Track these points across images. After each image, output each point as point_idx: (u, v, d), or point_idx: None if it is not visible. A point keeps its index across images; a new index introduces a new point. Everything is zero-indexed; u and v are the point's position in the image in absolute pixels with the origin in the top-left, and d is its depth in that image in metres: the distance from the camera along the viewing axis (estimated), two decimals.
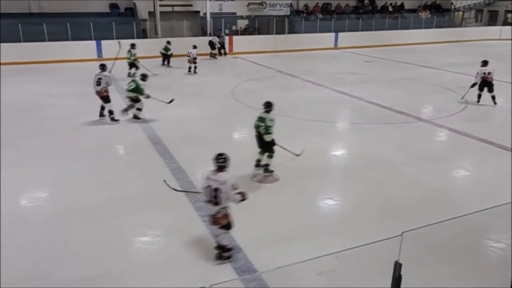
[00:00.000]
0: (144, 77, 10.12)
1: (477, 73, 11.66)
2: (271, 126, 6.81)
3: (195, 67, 16.24)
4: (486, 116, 10.76)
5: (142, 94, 9.86)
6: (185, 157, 7.75)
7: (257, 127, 6.91)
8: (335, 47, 23.88)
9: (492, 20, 30.50)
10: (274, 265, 3.70)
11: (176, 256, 4.81)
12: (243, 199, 4.64)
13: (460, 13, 29.37)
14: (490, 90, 11.56)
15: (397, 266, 2.29)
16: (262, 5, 23.54)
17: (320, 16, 25.13)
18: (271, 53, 21.67)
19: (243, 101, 11.84)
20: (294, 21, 24.40)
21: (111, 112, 9.99)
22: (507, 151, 8.11)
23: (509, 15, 30.04)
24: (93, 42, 19.10)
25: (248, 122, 10.23)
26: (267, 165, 7.05)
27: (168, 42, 17.53)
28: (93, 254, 4.79)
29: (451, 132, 9.42)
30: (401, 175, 7.15)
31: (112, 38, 18.71)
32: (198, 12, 23.14)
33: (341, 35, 24.01)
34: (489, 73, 11.48)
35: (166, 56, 17.61)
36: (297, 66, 18.15)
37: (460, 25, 28.97)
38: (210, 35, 21.45)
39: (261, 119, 6.86)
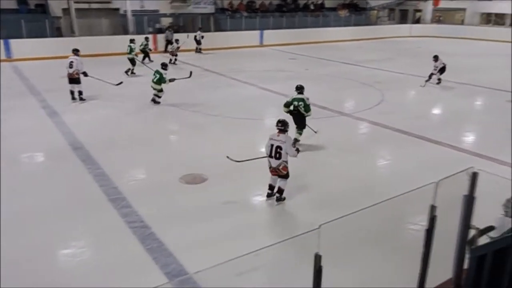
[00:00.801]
0: (164, 66, 11.28)
1: (436, 66, 13.98)
2: (309, 105, 8.06)
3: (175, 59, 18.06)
4: (401, 108, 11.47)
5: (166, 83, 11.08)
6: (109, 161, 7.40)
7: (297, 106, 8.01)
8: (261, 44, 24.17)
9: (403, 18, 32.70)
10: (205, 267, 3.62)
11: (104, 266, 4.57)
12: (297, 153, 6.03)
13: (375, 12, 31.10)
14: (442, 73, 14.06)
15: (317, 258, 2.33)
16: (186, 2, 23.15)
17: (245, 14, 25.30)
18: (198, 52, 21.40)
19: (169, 101, 11.57)
20: (220, 19, 24.34)
21: (80, 93, 11.51)
22: (421, 140, 8.71)
23: (417, 13, 32.37)
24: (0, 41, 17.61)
25: (174, 121, 10.16)
26: (296, 139, 8.05)
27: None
28: (11, 272, 4.37)
29: (370, 124, 9.92)
30: (326, 167, 7.42)
31: (21, 37, 17.38)
32: (118, 9, 22.22)
33: (266, 32, 24.36)
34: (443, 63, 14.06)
35: (146, 54, 17.42)
36: (224, 64, 18.12)
37: (375, 23, 30.68)
38: (132, 33, 20.76)
39: (300, 99, 8.04)
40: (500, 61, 19.53)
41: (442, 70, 14.02)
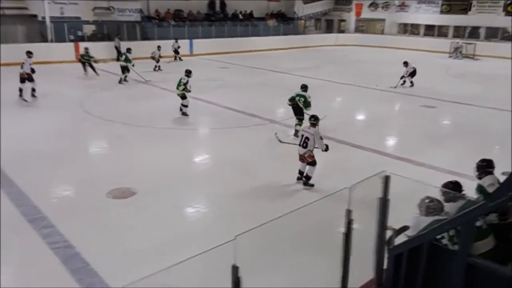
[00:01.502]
0: (188, 73, 11.26)
1: (407, 71, 15.47)
2: (310, 101, 9.37)
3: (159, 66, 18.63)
4: (328, 115, 11.86)
5: (188, 90, 11.06)
6: (28, 179, 6.91)
7: (298, 101, 9.36)
8: (191, 54, 23.97)
9: (329, 28, 34.13)
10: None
11: None
12: (327, 149, 6.89)
13: (303, 21, 32.16)
14: (413, 76, 15.58)
15: (234, 270, 2.33)
16: (110, 9, 22.32)
17: (172, 22, 24.96)
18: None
19: (92, 113, 11.08)
20: (146, 27, 23.79)
21: (33, 89, 12.47)
22: (344, 145, 9.08)
23: (342, 23, 33.96)
24: None
25: (100, 134, 9.74)
26: (296, 130, 9.27)
27: (86, 49, 16.36)
28: None
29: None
30: (257, 174, 7.47)
31: None
32: (35, 16, 20.95)
33: (195, 41, 24.21)
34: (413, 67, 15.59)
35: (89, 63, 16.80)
36: (152, 74, 17.71)
37: (303, 33, 31.70)
38: (51, 41, 19.70)
39: (301, 95, 9.39)
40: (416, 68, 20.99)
41: (412, 74, 15.48)
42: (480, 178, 4.66)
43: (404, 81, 15.63)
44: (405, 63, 15.56)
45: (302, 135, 6.86)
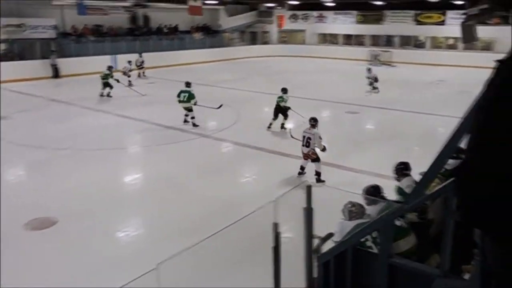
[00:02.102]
0: (189, 84, 11.82)
1: (371, 75, 16.57)
2: (287, 100, 11.38)
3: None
4: (256, 126, 12.00)
5: (195, 101, 11.43)
6: None
7: (278, 102, 11.33)
8: (115, 70, 23.13)
9: (253, 39, 34.73)
10: None
11: None
12: (324, 149, 7.72)
13: (228, 34, 32.43)
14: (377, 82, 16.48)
15: None
16: (21, 27, 20.94)
17: (91, 38, 23.99)
18: (39, 80, 19.52)
19: (7, 138, 10.26)
20: (63, 44, 22.61)
21: None
22: (276, 154, 9.21)
23: (265, 35, 34.72)
24: None
25: (14, 160, 8.96)
26: (283, 124, 11.30)
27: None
28: None
29: (230, 143, 10.19)
30: (190, 191, 7.33)
31: None
32: None
33: (120, 57, 23.41)
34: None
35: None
36: (72, 92, 16.85)
37: (229, 45, 31.96)
38: None
39: (280, 97, 11.37)
40: (337, 76, 21.96)
41: (375, 79, 16.48)
42: (398, 180, 4.90)
43: (374, 87, 16.42)
44: (369, 70, 16.62)
45: (304, 136, 7.70)
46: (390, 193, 4.86)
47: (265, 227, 5.49)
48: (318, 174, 7.56)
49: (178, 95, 11.49)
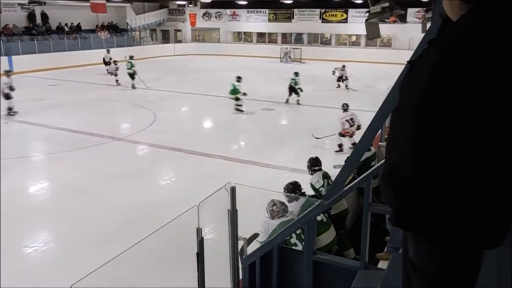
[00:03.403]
0: (239, 78, 13.00)
1: (342, 74, 16.94)
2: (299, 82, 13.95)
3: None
4: (173, 126, 11.72)
5: (239, 93, 12.77)
6: None
7: (291, 83, 13.92)
8: (12, 72, 21.16)
9: (165, 38, 33.91)
10: None
11: None
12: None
13: (137, 32, 31.26)
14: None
15: None
16: None
17: None
18: None
19: None
20: None
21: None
22: (195, 155, 9.04)
23: (178, 33, 34.06)
24: None
25: None
26: (298, 100, 14.12)
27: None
28: None
29: (146, 146, 9.81)
30: (104, 198, 6.90)
31: None
32: None
33: (15, 58, 21.45)
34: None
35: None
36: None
37: (139, 44, 30.82)
38: None
39: (294, 79, 13.92)
40: (251, 73, 22.21)
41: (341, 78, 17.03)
42: (311, 175, 5.07)
43: (346, 83, 16.91)
44: (343, 67, 17.01)
45: (347, 120, 9.14)
46: (309, 188, 5.00)
47: (188, 231, 5.37)
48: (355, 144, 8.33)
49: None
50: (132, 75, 17.03)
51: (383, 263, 3.68)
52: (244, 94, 13.00)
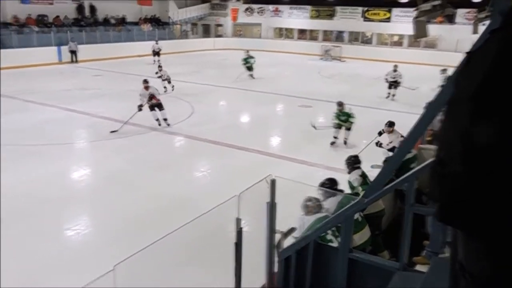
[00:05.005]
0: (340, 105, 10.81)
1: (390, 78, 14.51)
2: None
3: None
4: (211, 119, 11.87)
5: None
6: None
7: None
8: (60, 62, 22.08)
9: (206, 32, 34.31)
10: None
11: None
12: None
13: (179, 26, 31.79)
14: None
15: None
16: None
17: (36, 29, 22.70)
18: None
19: None
20: (3, 35, 21.23)
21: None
22: (232, 148, 9.13)
23: (219, 28, 34.40)
24: None
25: None
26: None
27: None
28: None
29: (183, 137, 9.99)
30: (141, 187, 7.10)
31: None
32: None
33: (64, 48, 22.35)
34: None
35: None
36: (14, 85, 15.83)
37: (180, 37, 31.34)
38: None
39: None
40: (291, 70, 22.19)
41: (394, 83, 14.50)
42: (349, 173, 5.02)
43: (389, 93, 14.65)
44: (395, 67, 14.61)
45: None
46: (345, 186, 4.96)
47: (223, 222, 5.45)
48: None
49: None
50: (250, 68, 17.68)
51: (419, 267, 3.62)
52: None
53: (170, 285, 4.26)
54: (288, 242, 3.38)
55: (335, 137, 9.41)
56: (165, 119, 10.64)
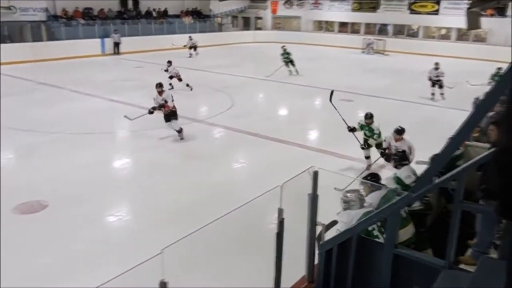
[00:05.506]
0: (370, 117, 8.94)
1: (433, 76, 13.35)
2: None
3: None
4: (250, 111, 11.89)
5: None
6: None
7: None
8: (103, 53, 22.76)
9: (246, 25, 34.36)
10: None
11: None
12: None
13: (219, 18, 32.00)
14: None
15: (162, 286, 2.14)
16: (10, 9, 20.41)
17: (82, 21, 23.50)
18: (28, 64, 19.06)
19: None
20: (53, 27, 22.13)
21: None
22: (270, 141, 9.12)
23: (258, 21, 34.36)
24: None
25: (3, 145, 8.71)
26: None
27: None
28: None
29: (223, 129, 10.06)
30: (183, 176, 7.21)
31: None
32: None
33: (107, 41, 23.02)
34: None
35: None
36: (62, 76, 16.48)
37: (220, 30, 31.55)
38: None
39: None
40: (331, 63, 21.87)
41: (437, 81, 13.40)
42: (397, 168, 4.86)
43: (433, 93, 13.55)
44: (436, 65, 13.47)
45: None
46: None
47: (264, 213, 5.45)
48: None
49: None
50: (290, 63, 17.26)
51: (464, 267, 3.48)
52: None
53: (210, 271, 4.32)
54: (328, 235, 3.33)
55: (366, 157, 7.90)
56: (179, 131, 9.11)
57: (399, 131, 6.59)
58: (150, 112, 9.12)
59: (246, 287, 3.98)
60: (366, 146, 7.64)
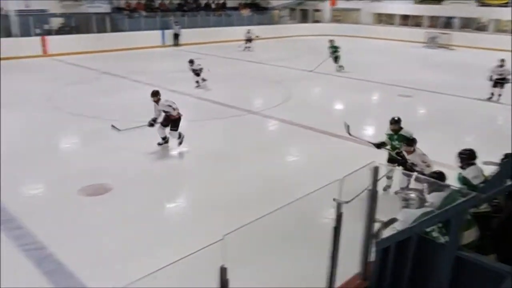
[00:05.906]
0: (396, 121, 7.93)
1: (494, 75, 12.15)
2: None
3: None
4: (307, 105, 11.81)
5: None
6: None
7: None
8: (163, 45, 23.46)
9: (304, 17, 33.98)
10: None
11: None
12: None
13: (277, 11, 31.90)
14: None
15: (223, 272, 2.19)
16: (79, 1, 21.58)
17: (144, 13, 24.36)
18: (93, 54, 20.03)
19: (63, 108, 10.65)
20: (117, 19, 23.11)
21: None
22: (326, 135, 9.01)
23: (317, 13, 33.87)
24: None
25: (69, 129, 9.30)
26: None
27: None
28: None
29: (279, 121, 10.08)
30: (239, 167, 7.32)
31: None
32: None
33: (167, 32, 23.70)
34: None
35: None
36: (124, 66, 17.23)
37: (278, 22, 31.45)
38: (16, 35, 18.92)
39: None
40: (391, 58, 21.16)
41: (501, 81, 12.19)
42: (463, 169, 4.61)
43: (492, 93, 12.38)
44: (502, 61, 12.22)
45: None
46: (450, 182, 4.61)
47: (321, 206, 5.42)
48: None
49: None
50: (335, 59, 16.77)
51: None
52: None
53: (267, 260, 4.37)
54: (387, 232, 3.26)
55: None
56: (178, 137, 8.23)
57: (409, 142, 5.79)
58: (151, 125, 8.14)
59: (299, 284, 3.98)
60: (401, 159, 6.18)
